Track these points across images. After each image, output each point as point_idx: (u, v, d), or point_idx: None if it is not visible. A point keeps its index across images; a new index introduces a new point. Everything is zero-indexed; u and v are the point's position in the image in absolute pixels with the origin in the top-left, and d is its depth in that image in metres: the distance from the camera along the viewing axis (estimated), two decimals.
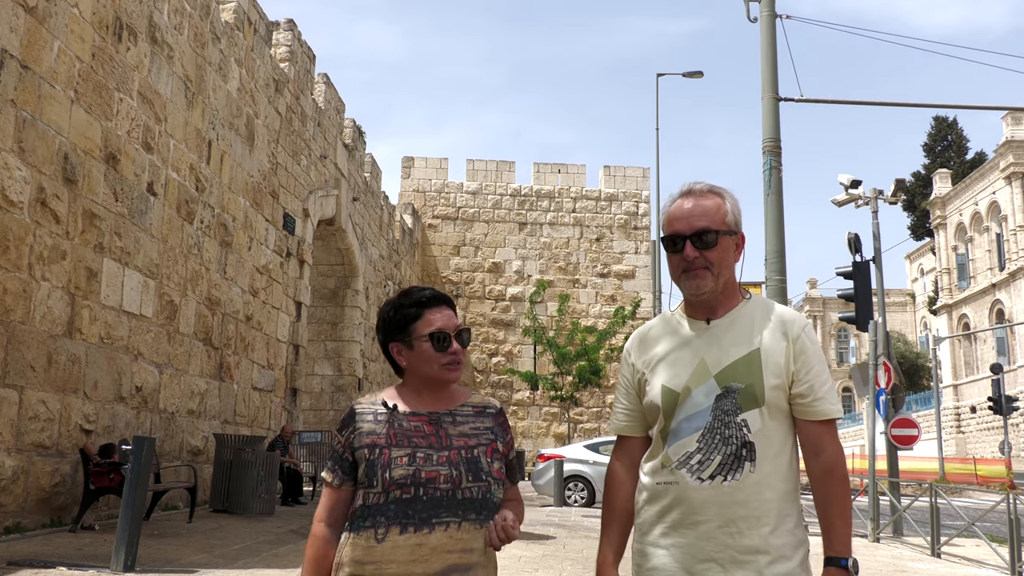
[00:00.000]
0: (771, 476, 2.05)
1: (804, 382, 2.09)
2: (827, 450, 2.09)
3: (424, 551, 2.00)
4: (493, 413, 2.21)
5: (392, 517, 2.03)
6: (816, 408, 2.09)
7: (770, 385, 2.07)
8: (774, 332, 2.12)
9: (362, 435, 2.11)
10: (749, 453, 2.05)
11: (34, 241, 8.53)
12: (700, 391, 2.10)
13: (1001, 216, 43.86)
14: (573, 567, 8.27)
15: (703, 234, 2.13)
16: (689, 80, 26.03)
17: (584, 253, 32.37)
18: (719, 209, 2.17)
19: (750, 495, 2.03)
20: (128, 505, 6.92)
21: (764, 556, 2.00)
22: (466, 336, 2.18)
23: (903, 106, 15.43)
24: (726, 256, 2.16)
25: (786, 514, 2.06)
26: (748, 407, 2.06)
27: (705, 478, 2.05)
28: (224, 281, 13.25)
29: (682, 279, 2.17)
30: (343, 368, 21.49)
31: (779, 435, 2.09)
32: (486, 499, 2.08)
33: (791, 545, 2.04)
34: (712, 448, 2.06)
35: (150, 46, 10.91)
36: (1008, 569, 9.39)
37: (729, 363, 2.10)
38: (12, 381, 8.18)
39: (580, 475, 17.09)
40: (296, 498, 14.19)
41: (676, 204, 2.20)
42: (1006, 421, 32.59)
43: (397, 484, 2.04)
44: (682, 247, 2.14)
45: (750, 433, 2.05)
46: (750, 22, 12.29)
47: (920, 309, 62.62)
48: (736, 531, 2.01)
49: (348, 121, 21.22)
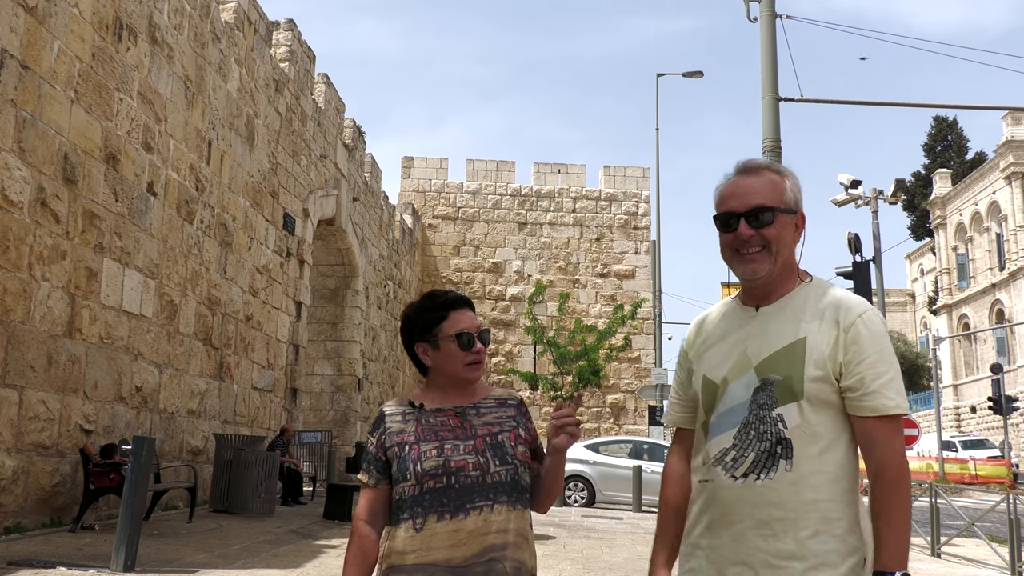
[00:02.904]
0: (813, 476, 1.88)
1: (854, 374, 1.89)
2: (878, 450, 1.88)
3: (462, 536, 2.11)
4: (514, 404, 2.32)
5: (428, 506, 2.14)
6: (866, 403, 1.89)
7: (811, 377, 1.90)
8: (826, 319, 1.94)
9: (392, 434, 2.24)
10: (785, 451, 1.90)
11: (34, 241, 8.53)
12: (739, 383, 1.97)
13: (1001, 216, 43.87)
14: (573, 567, 8.27)
15: (759, 212, 1.98)
16: (689, 80, 26.06)
17: (584, 253, 32.37)
18: (776, 186, 2.02)
19: (785, 495, 1.88)
20: (128, 505, 6.92)
21: (800, 562, 1.85)
22: (486, 336, 2.29)
23: (903, 106, 15.44)
24: (784, 235, 2.00)
25: (835, 517, 1.87)
26: (785, 400, 1.91)
27: (739, 476, 1.93)
28: (224, 281, 13.25)
29: (735, 261, 2.01)
30: (343, 368, 21.48)
31: (826, 431, 1.91)
32: (515, 481, 2.19)
33: (839, 552, 1.86)
34: (746, 444, 1.93)
35: (150, 46, 10.91)
36: (1008, 569, 9.39)
37: (770, 353, 1.95)
38: (12, 381, 8.19)
39: (580, 475, 17.08)
40: (296, 498, 14.18)
41: (730, 181, 2.05)
42: (1006, 421, 32.60)
43: (429, 475, 2.15)
44: (736, 226, 1.99)
45: (786, 429, 1.90)
46: (750, 22, 12.30)
47: (920, 309, 62.63)
48: (770, 533, 1.88)
49: (348, 121, 21.21)
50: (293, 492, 14.20)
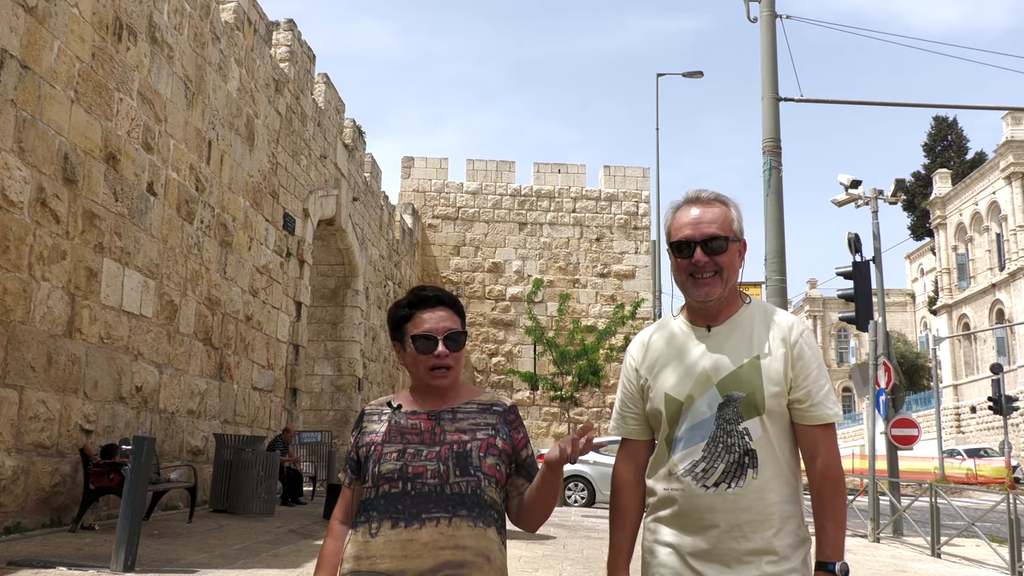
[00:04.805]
0: (773, 480, 2.10)
1: (802, 388, 2.12)
2: (822, 454, 2.13)
3: (415, 547, 2.00)
4: (500, 411, 2.18)
5: (383, 511, 2.05)
6: (812, 413, 2.13)
7: (770, 393, 2.10)
8: (774, 339, 2.15)
9: (365, 434, 2.17)
10: (751, 460, 2.09)
11: (34, 241, 8.53)
12: (703, 400, 2.13)
13: (1001, 216, 43.85)
14: (573, 567, 8.27)
15: (713, 239, 2.16)
16: (689, 80, 26.05)
17: (584, 253, 32.36)
18: (726, 216, 2.20)
19: (753, 500, 2.08)
20: (128, 505, 6.92)
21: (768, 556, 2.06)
22: (456, 340, 2.14)
23: (903, 106, 15.43)
24: (733, 262, 2.19)
25: (788, 516, 2.10)
26: (749, 415, 2.10)
27: (710, 485, 2.09)
28: (224, 281, 13.25)
29: (689, 285, 2.19)
30: (343, 368, 21.48)
31: (779, 440, 2.13)
32: (476, 495, 2.06)
33: (792, 545, 2.09)
34: (716, 457, 2.10)
35: (150, 46, 10.91)
36: (1008, 569, 9.39)
37: (730, 372, 2.13)
38: (12, 381, 8.18)
39: (580, 475, 17.09)
40: (296, 498, 14.18)
41: (683, 210, 2.22)
42: (1006, 421, 32.58)
43: (385, 478, 2.07)
44: (692, 253, 2.16)
45: (752, 441, 2.10)
46: (750, 22, 12.29)
47: (920, 309, 62.61)
48: (741, 535, 2.07)
49: (348, 121, 21.21)
50: (293, 492, 14.20)
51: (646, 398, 2.23)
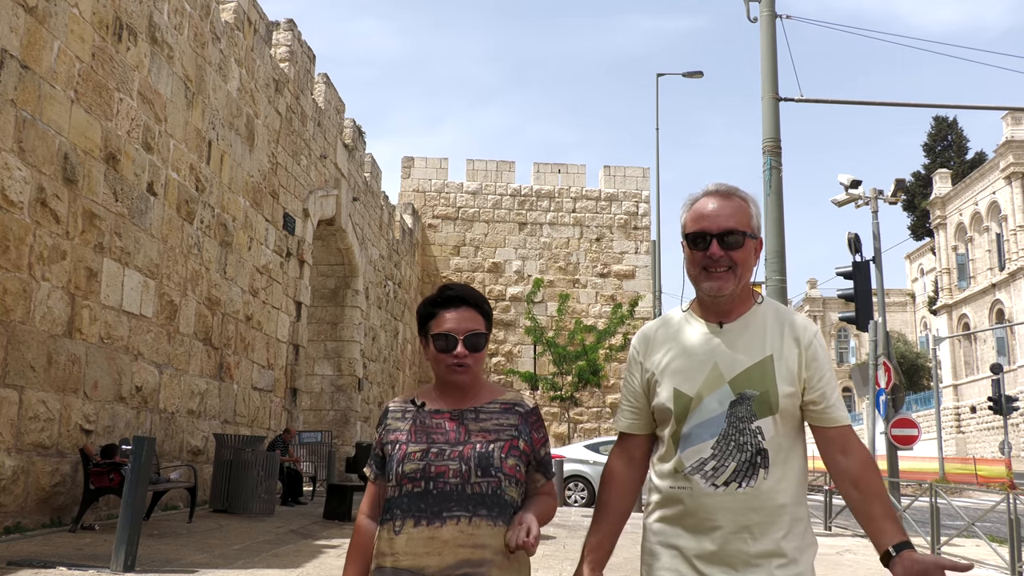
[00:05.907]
0: (783, 481, 2.07)
1: (816, 389, 2.10)
2: (856, 447, 2.11)
3: (437, 544, 2.05)
4: (522, 412, 2.21)
5: (406, 510, 2.09)
6: (829, 415, 2.11)
7: (784, 393, 2.07)
8: (787, 339, 2.12)
9: (389, 431, 2.20)
10: (763, 460, 2.05)
11: (34, 241, 8.53)
12: (713, 397, 2.09)
13: (1001, 216, 43.87)
14: (573, 567, 8.26)
15: (730, 234, 2.11)
16: (689, 80, 26.04)
17: (584, 253, 32.36)
18: (745, 212, 2.15)
19: (764, 501, 2.04)
20: (128, 505, 6.92)
21: (777, 559, 2.02)
22: (476, 341, 2.17)
23: (903, 106, 15.44)
24: (749, 258, 2.15)
25: (797, 518, 2.07)
26: (763, 414, 2.07)
27: (720, 484, 2.05)
28: (224, 281, 13.25)
29: (702, 278, 2.14)
30: (343, 368, 21.48)
31: (789, 441, 2.10)
32: (496, 495, 2.09)
33: (801, 548, 2.06)
34: (727, 455, 2.06)
35: (150, 46, 10.90)
36: (1008, 569, 9.39)
37: (743, 369, 2.09)
38: (12, 381, 8.18)
39: (580, 475, 17.10)
40: (296, 498, 14.18)
41: (701, 202, 2.17)
42: (1006, 421, 32.61)
43: (408, 478, 2.10)
44: (708, 245, 2.11)
45: (764, 440, 2.06)
46: (750, 22, 12.30)
47: (920, 309, 62.64)
48: (750, 537, 2.03)
49: (348, 121, 21.21)
50: (293, 492, 14.20)
51: (652, 393, 2.18)
